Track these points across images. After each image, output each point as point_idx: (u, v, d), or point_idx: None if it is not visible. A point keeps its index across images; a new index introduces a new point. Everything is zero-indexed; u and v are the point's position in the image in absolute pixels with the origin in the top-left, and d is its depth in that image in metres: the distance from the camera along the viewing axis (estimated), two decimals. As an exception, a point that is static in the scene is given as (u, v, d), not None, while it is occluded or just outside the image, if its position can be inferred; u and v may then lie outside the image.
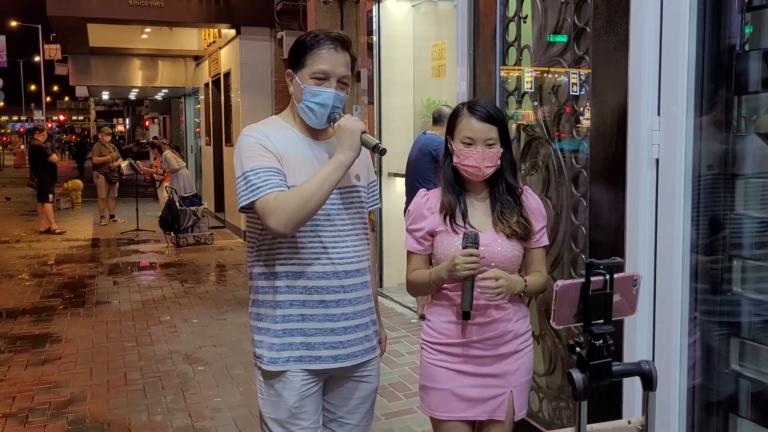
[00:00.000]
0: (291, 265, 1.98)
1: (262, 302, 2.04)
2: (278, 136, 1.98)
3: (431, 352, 2.14)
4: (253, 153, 1.92)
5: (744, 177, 2.15)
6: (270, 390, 2.02)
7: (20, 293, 6.96)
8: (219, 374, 4.53)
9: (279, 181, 1.89)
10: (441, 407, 2.11)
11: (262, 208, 1.87)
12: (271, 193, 1.86)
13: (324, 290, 1.99)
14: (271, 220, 1.85)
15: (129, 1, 9.45)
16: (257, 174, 1.88)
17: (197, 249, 9.56)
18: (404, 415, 3.80)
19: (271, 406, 2.02)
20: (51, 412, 3.95)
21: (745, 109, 2.15)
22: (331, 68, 1.95)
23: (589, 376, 1.50)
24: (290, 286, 1.98)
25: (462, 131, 2.07)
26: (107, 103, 38.13)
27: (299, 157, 1.98)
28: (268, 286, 2.01)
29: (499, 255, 2.05)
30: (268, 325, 2.02)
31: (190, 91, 16.70)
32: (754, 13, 2.11)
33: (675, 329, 2.17)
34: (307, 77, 1.96)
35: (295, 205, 1.84)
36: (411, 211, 2.15)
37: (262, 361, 2.03)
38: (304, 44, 1.97)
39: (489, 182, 2.12)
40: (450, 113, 2.17)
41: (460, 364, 2.09)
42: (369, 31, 6.68)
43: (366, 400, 2.15)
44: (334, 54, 1.96)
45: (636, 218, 2.27)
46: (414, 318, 5.64)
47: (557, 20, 2.77)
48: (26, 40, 39.87)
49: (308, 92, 1.96)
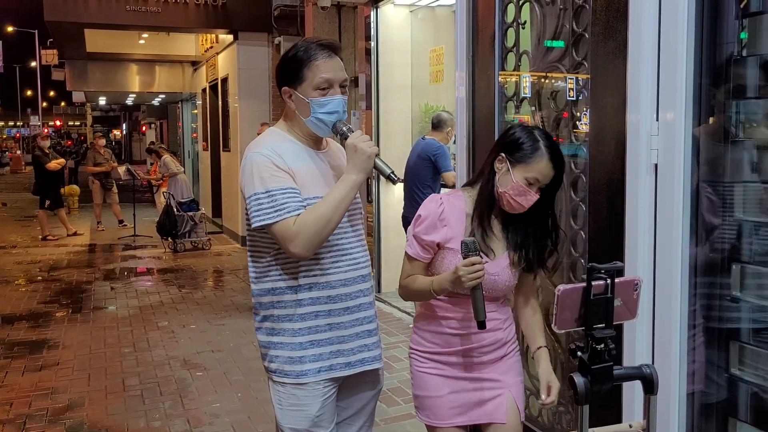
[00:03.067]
0: (314, 276, 1.97)
1: (278, 317, 2.01)
2: (286, 150, 1.98)
3: (421, 361, 2.13)
4: (267, 173, 1.91)
5: (742, 182, 2.16)
6: (293, 400, 2.00)
7: (17, 299, 6.94)
8: (217, 380, 4.52)
9: (297, 204, 1.89)
10: (438, 415, 2.10)
11: (281, 233, 1.88)
12: (290, 218, 1.87)
13: (347, 297, 2.01)
14: (292, 245, 1.87)
15: (126, 6, 9.45)
16: (274, 196, 1.88)
17: (195, 254, 9.55)
18: (403, 420, 3.79)
19: (293, 416, 2.00)
20: (48, 419, 3.94)
21: (743, 114, 2.17)
22: (332, 75, 1.96)
23: (591, 380, 1.51)
24: (314, 298, 1.98)
25: (533, 170, 1.93)
26: (104, 108, 38.18)
27: (307, 168, 1.99)
28: (288, 300, 1.99)
29: (503, 284, 2.04)
30: (288, 339, 1.99)
31: (188, 97, 16.69)
32: (750, 19, 2.13)
33: (674, 333, 2.18)
34: (311, 90, 1.94)
35: (315, 230, 1.87)
36: (423, 218, 2.07)
37: (286, 376, 1.99)
38: (298, 59, 1.95)
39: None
40: (518, 136, 1.99)
41: (452, 370, 2.08)
42: (367, 37, 6.71)
43: (372, 399, 2.19)
44: (330, 61, 1.96)
45: (635, 223, 2.28)
46: (412, 323, 5.64)
47: (556, 26, 2.79)
48: (23, 46, 39.81)
49: (316, 104, 1.95)
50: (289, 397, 2.00)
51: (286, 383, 1.99)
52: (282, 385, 2.01)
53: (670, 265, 2.17)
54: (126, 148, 40.42)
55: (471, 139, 3.26)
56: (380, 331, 2.21)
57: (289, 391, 1.99)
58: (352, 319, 2.03)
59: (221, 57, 11.38)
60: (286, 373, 1.99)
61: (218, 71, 11.65)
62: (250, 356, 4.89)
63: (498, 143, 2.08)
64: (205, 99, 13.05)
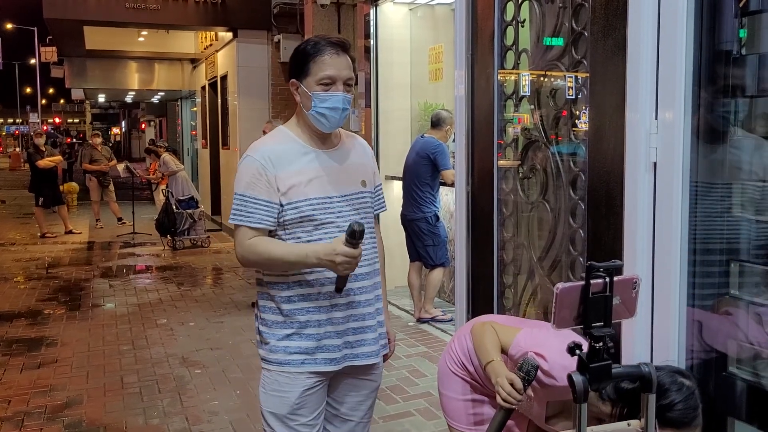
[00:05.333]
0: (305, 273, 2.03)
1: (271, 308, 2.09)
2: (283, 153, 2.03)
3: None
4: (248, 178, 2.00)
5: (741, 180, 2.16)
6: (275, 386, 2.07)
7: (16, 296, 6.94)
8: (216, 377, 4.52)
9: (261, 216, 2.00)
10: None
11: (238, 236, 2.03)
12: (250, 230, 2.00)
13: (338, 294, 2.03)
14: (238, 250, 2.04)
15: (126, 3, 9.44)
16: (246, 202, 2.00)
17: (194, 252, 9.55)
18: (402, 418, 3.80)
19: (273, 401, 2.07)
20: (47, 416, 3.94)
21: (741, 113, 2.17)
22: (336, 72, 1.99)
23: (589, 379, 1.51)
24: (304, 295, 2.04)
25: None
26: (103, 105, 38.06)
27: (305, 170, 2.02)
28: (281, 294, 2.06)
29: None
30: (276, 331, 2.06)
31: (187, 94, 16.69)
32: (749, 18, 2.12)
33: (673, 332, 2.18)
34: (314, 84, 2.00)
35: (256, 259, 2.02)
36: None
37: (270, 363, 2.08)
38: (306, 53, 2.01)
39: None
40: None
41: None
42: (366, 35, 6.70)
43: (369, 397, 2.21)
44: (336, 58, 2.00)
45: (634, 221, 2.28)
46: (411, 321, 5.65)
47: (555, 24, 2.79)
48: (22, 43, 39.80)
49: (317, 98, 2.00)
50: (272, 383, 2.07)
51: (271, 369, 2.07)
52: (268, 371, 2.09)
53: (669, 264, 2.17)
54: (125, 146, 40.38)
55: (470, 138, 3.26)
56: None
57: (273, 376, 2.07)
58: (345, 315, 2.06)
59: (221, 55, 11.37)
60: (270, 360, 2.07)
61: (218, 69, 11.64)
62: (249, 354, 4.89)
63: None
64: (205, 97, 13.05)
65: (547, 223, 2.90)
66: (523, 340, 2.07)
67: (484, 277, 3.22)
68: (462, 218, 3.33)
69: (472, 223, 3.28)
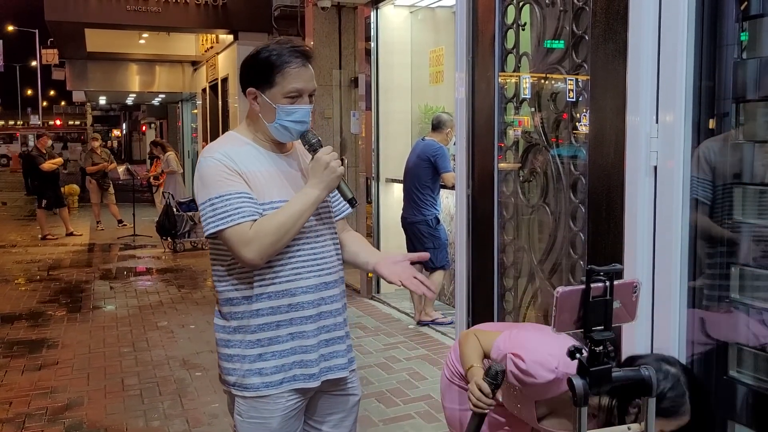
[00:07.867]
0: (271, 285, 1.93)
1: (236, 328, 1.96)
2: (240, 154, 1.93)
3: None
4: (219, 177, 1.87)
5: (742, 184, 2.16)
6: (253, 413, 1.95)
7: (17, 298, 6.94)
8: (216, 380, 4.48)
9: (252, 208, 1.86)
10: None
11: (236, 237, 1.83)
12: (246, 223, 1.84)
13: (309, 305, 1.96)
14: (246, 250, 1.83)
15: (127, 6, 9.46)
16: (227, 200, 1.85)
17: (194, 254, 9.55)
18: (402, 420, 3.79)
19: (253, 429, 1.95)
20: (48, 418, 3.94)
21: (742, 117, 2.17)
22: (304, 85, 1.93)
23: (590, 382, 1.51)
24: (273, 308, 1.93)
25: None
26: (104, 108, 38.12)
27: (265, 172, 1.95)
28: (245, 311, 1.94)
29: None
30: (245, 351, 1.94)
31: (188, 97, 16.70)
32: (750, 21, 2.13)
33: (673, 336, 2.18)
34: (280, 96, 1.91)
35: (272, 239, 1.84)
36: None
37: (246, 389, 1.93)
38: (270, 62, 1.90)
39: None
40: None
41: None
42: (367, 37, 6.71)
43: (351, 412, 2.13)
44: (303, 71, 1.92)
45: (634, 225, 2.28)
46: (411, 324, 5.64)
47: (556, 27, 2.79)
48: (23, 45, 39.83)
49: (282, 111, 1.92)
50: (249, 410, 1.95)
51: (247, 396, 1.94)
52: (243, 398, 1.95)
53: (670, 268, 2.18)
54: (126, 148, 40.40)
55: (470, 140, 3.26)
56: (380, 331, 2.22)
57: (250, 403, 1.94)
58: (316, 327, 1.97)
59: (221, 57, 11.38)
60: (246, 386, 1.93)
61: (218, 71, 11.66)
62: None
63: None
64: (205, 99, 13.06)
65: (547, 227, 2.90)
66: (503, 342, 2.07)
67: (484, 280, 3.22)
68: (462, 221, 3.33)
69: (473, 226, 3.29)
